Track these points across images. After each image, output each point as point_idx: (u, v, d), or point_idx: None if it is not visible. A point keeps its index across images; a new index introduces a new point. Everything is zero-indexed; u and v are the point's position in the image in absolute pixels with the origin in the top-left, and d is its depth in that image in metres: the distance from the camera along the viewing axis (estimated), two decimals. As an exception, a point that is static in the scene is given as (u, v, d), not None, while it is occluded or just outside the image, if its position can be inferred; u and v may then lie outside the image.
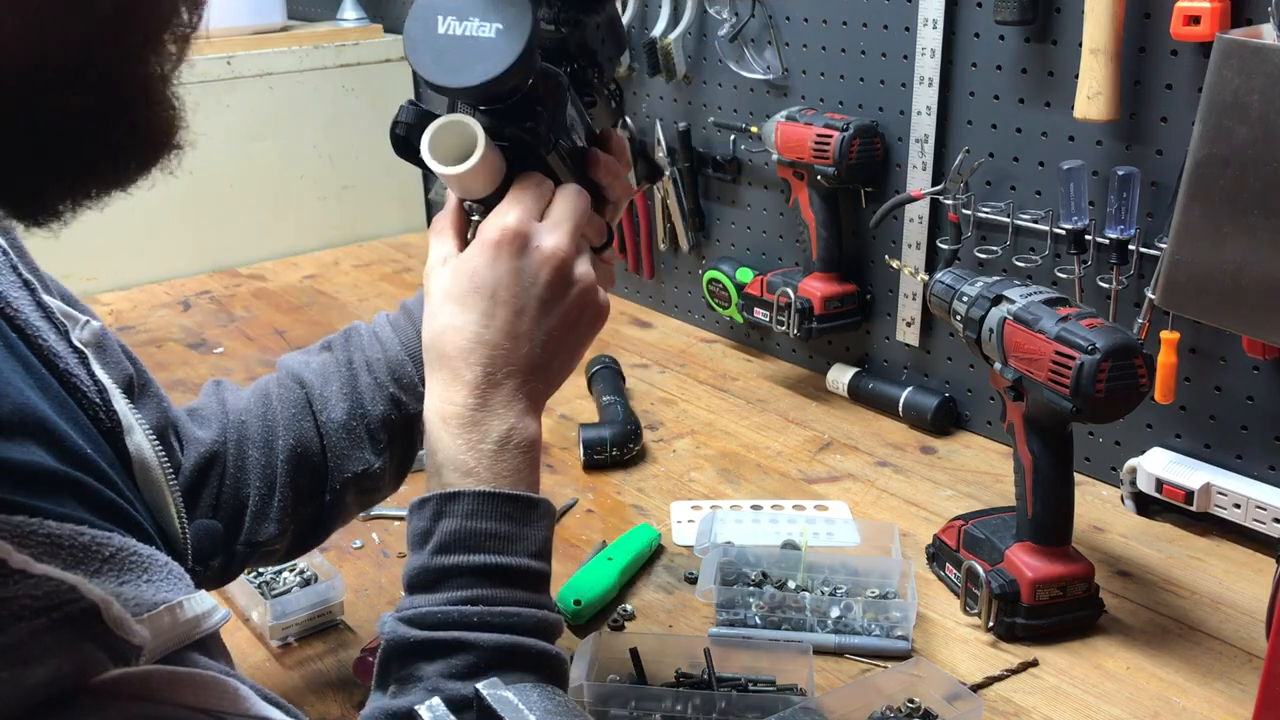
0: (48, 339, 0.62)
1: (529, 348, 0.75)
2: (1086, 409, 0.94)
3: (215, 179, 2.08)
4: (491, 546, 0.71)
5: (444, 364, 0.75)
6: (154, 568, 0.51)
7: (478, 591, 0.70)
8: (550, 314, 0.76)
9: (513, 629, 0.69)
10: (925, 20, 1.34)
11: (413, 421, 0.89)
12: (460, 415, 0.73)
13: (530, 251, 0.75)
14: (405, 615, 0.69)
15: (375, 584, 1.13)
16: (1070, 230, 1.20)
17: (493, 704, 0.55)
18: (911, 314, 1.47)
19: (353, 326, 0.92)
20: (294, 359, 0.91)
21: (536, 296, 0.75)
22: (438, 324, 0.75)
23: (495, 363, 0.74)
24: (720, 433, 1.45)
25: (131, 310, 1.92)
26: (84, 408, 0.62)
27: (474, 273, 0.74)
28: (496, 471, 0.73)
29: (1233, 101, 0.90)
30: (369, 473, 0.88)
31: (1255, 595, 1.08)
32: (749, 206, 1.66)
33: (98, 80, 0.44)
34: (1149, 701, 0.95)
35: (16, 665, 0.40)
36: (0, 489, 0.47)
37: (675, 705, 0.91)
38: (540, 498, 0.75)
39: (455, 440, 0.73)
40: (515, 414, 0.74)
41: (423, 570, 0.71)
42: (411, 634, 0.68)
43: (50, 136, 0.44)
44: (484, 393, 0.74)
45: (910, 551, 1.17)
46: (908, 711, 0.90)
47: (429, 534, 0.72)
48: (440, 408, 0.74)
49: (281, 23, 2.22)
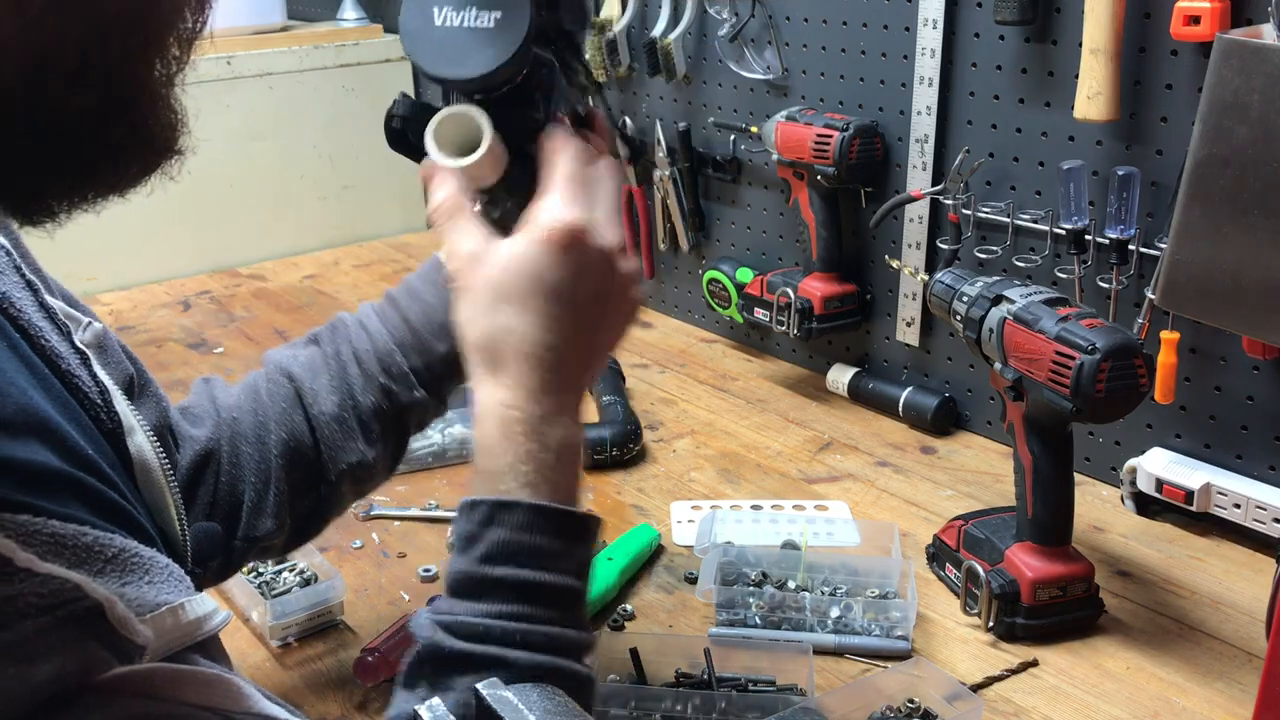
0: (50, 339, 0.62)
1: (589, 351, 0.73)
2: (1086, 409, 0.94)
3: (215, 179, 2.08)
4: (539, 563, 0.68)
5: (501, 366, 0.71)
6: (155, 569, 0.51)
7: (521, 608, 0.67)
8: (605, 314, 0.73)
9: (551, 649, 0.67)
10: (925, 20, 1.34)
11: (404, 411, 0.89)
12: (522, 421, 0.70)
13: (590, 250, 0.71)
14: (444, 621, 0.67)
15: (375, 584, 1.13)
16: (1070, 230, 1.20)
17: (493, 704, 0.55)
18: (911, 314, 1.47)
19: (338, 318, 0.92)
20: (281, 353, 0.91)
21: (597, 296, 0.72)
22: (494, 324, 0.71)
23: (557, 368, 0.70)
24: (720, 433, 1.45)
25: (131, 310, 1.92)
26: (86, 409, 0.62)
27: (536, 273, 0.70)
28: (554, 483, 0.70)
29: (1233, 101, 0.90)
30: (363, 463, 0.88)
31: (1255, 595, 1.08)
32: (749, 206, 1.66)
33: (99, 81, 0.43)
34: (1149, 701, 0.95)
35: (22, 662, 0.40)
36: (4, 487, 0.47)
37: (675, 705, 0.90)
38: (591, 515, 0.72)
39: (514, 447, 0.69)
40: (571, 420, 0.72)
41: (467, 577, 0.68)
42: (449, 643, 0.66)
43: (51, 137, 0.44)
44: (546, 399, 0.70)
45: (910, 551, 1.17)
46: (908, 711, 0.90)
47: (476, 539, 0.69)
48: (499, 411, 0.70)
49: (281, 23, 2.22)
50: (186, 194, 2.01)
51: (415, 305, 0.90)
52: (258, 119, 2.12)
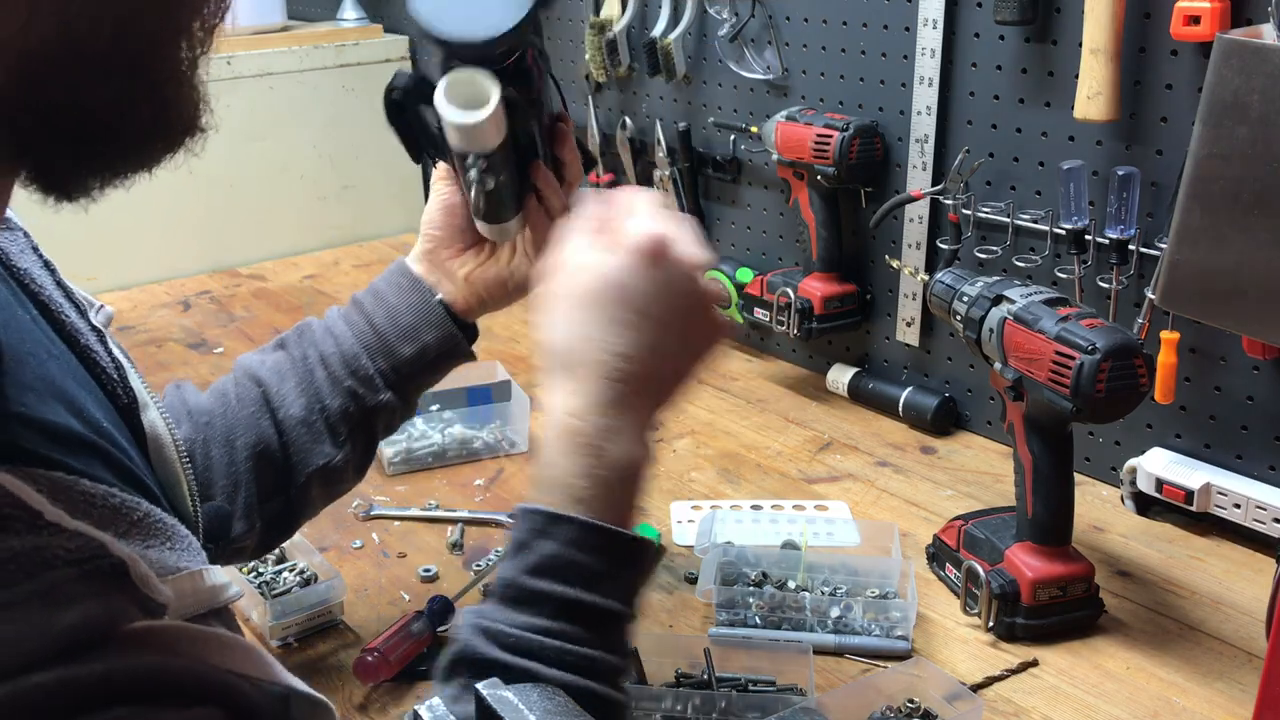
0: (69, 315, 0.63)
1: (668, 368, 0.71)
2: (1086, 409, 0.94)
3: (215, 179, 2.08)
4: (585, 582, 0.67)
5: (573, 374, 0.69)
6: (177, 537, 0.53)
7: (560, 625, 0.66)
8: (686, 333, 0.72)
9: (585, 671, 0.66)
10: (925, 20, 1.34)
11: (371, 413, 0.91)
12: (586, 433, 0.68)
13: (676, 264, 0.70)
14: (484, 626, 0.66)
15: (375, 584, 1.13)
16: (1070, 230, 1.20)
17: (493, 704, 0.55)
18: (911, 314, 1.47)
19: (305, 323, 0.94)
20: (250, 358, 0.93)
21: (679, 311, 0.70)
22: (572, 330, 0.70)
23: (632, 381, 0.69)
24: (720, 433, 1.45)
25: (131, 310, 1.92)
26: (102, 384, 0.63)
27: (621, 280, 0.69)
28: (609, 502, 0.68)
29: (1233, 101, 0.90)
30: (331, 465, 0.90)
31: (1255, 595, 1.08)
32: (749, 206, 1.66)
33: (129, 65, 0.45)
34: (1149, 701, 0.95)
35: (48, 607, 0.41)
36: (37, 444, 0.48)
37: (675, 705, 0.91)
38: (646, 540, 0.71)
39: (574, 459, 0.68)
40: (638, 439, 0.70)
41: (511, 584, 0.68)
42: (486, 650, 0.66)
43: (85, 119, 0.45)
44: (615, 414, 0.69)
45: (910, 551, 1.17)
46: (908, 711, 0.90)
47: (526, 547, 0.68)
48: (565, 421, 0.69)
49: (281, 23, 2.22)
50: (186, 194, 2.02)
51: (380, 309, 0.92)
52: (258, 119, 2.12)
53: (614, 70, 1.75)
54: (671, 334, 0.70)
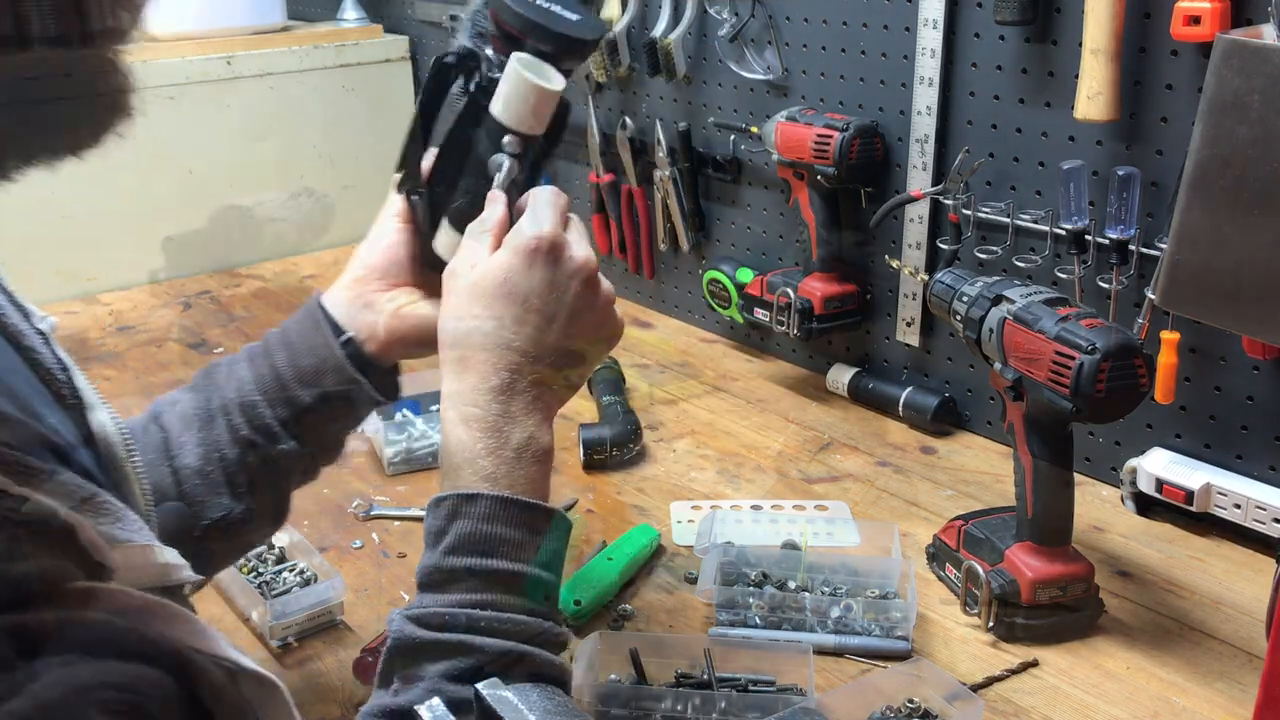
0: (12, 318, 0.62)
1: (553, 358, 0.76)
2: (1086, 409, 0.94)
3: (215, 179, 2.08)
4: (504, 552, 0.71)
5: (467, 365, 0.75)
6: (128, 520, 0.52)
7: (486, 596, 0.70)
8: (576, 325, 0.77)
9: (517, 636, 0.70)
10: (925, 20, 1.34)
11: (274, 462, 0.86)
12: (483, 419, 0.74)
13: (564, 261, 0.76)
14: (413, 614, 0.70)
15: (375, 584, 1.13)
16: (1070, 230, 1.20)
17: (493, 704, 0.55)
18: (911, 314, 1.47)
19: (213, 365, 0.90)
20: (165, 400, 0.89)
21: (567, 306, 0.76)
22: (464, 323, 0.76)
23: (520, 369, 0.75)
24: (720, 433, 1.45)
25: (131, 310, 1.92)
26: (48, 385, 0.62)
27: (508, 277, 0.75)
28: (515, 478, 0.73)
29: (1233, 101, 0.90)
30: (230, 518, 0.84)
31: (1255, 595, 1.08)
32: (749, 206, 1.66)
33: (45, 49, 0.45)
34: (1149, 701, 0.95)
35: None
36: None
37: (675, 705, 0.91)
38: (557, 510, 0.75)
39: (476, 443, 0.73)
40: (534, 423, 0.75)
41: (434, 569, 0.71)
42: (417, 633, 0.69)
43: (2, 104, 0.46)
44: (508, 399, 0.74)
45: (910, 551, 1.17)
46: (908, 711, 0.90)
47: (443, 533, 0.72)
48: (463, 409, 0.74)
49: (281, 23, 2.22)
50: (187, 194, 2.02)
51: (283, 353, 0.87)
52: (258, 119, 2.12)
53: (614, 70, 1.75)
54: (556, 327, 0.76)
